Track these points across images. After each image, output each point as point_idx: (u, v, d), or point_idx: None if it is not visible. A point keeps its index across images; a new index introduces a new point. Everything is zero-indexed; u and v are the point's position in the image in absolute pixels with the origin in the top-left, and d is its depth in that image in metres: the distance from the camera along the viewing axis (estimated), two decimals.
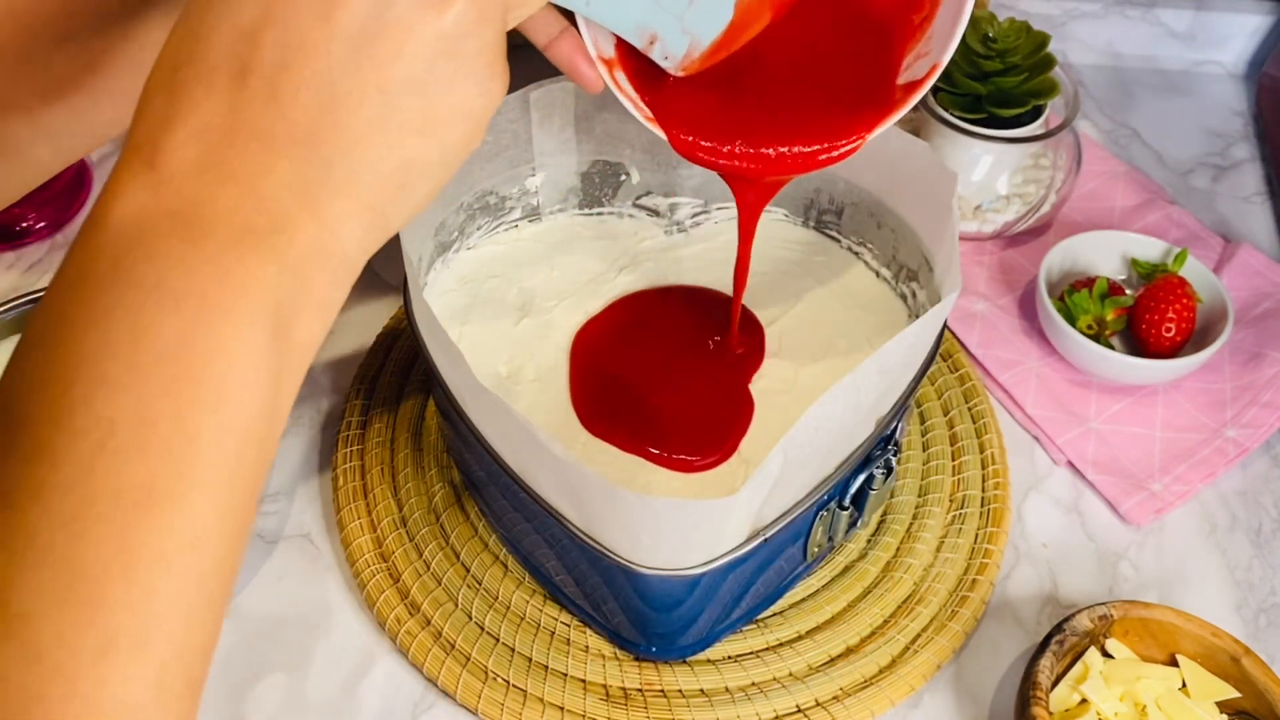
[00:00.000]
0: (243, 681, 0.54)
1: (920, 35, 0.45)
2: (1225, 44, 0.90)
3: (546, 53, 0.43)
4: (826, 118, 0.45)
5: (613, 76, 0.43)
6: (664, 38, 0.43)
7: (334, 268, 0.30)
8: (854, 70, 0.45)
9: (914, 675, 0.54)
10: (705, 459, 0.54)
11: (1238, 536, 0.62)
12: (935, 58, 0.43)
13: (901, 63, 0.45)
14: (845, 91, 0.45)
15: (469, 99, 0.32)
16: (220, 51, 0.29)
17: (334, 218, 0.30)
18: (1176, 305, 0.64)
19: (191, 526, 0.27)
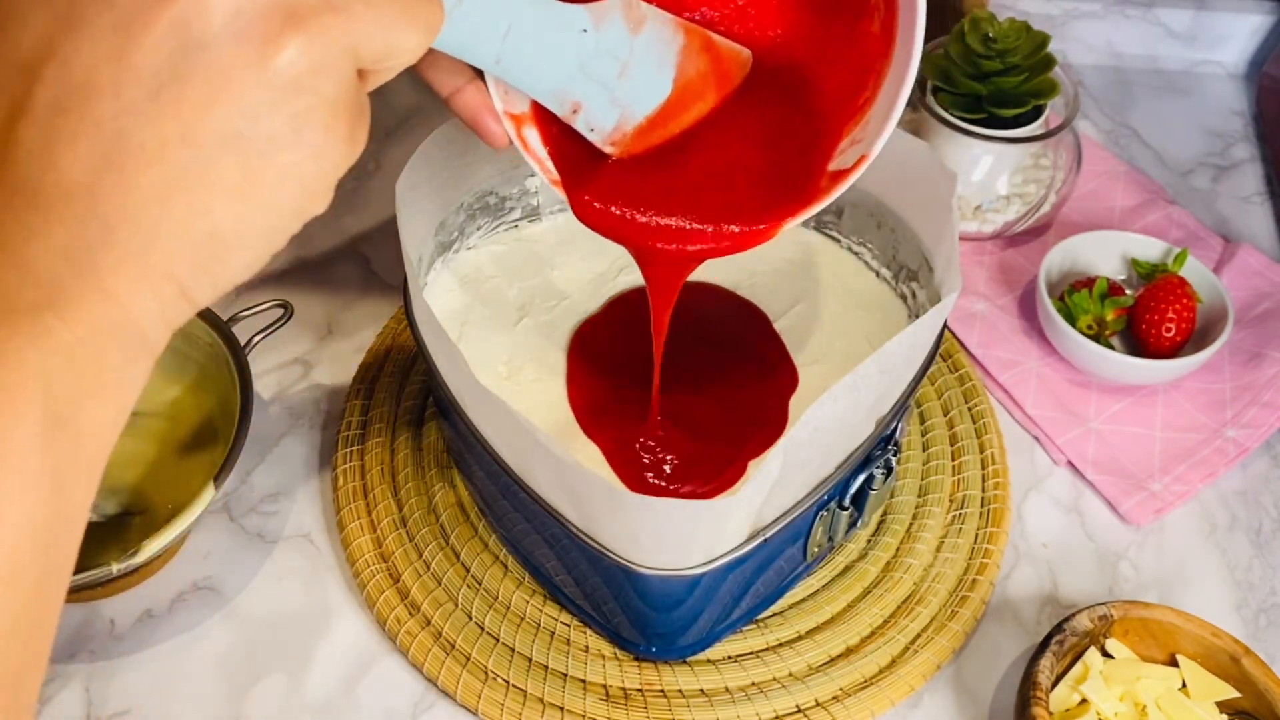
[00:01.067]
0: (243, 681, 0.54)
1: (859, 119, 0.42)
2: (1225, 44, 0.90)
3: (449, 104, 0.39)
4: (745, 203, 0.43)
5: (520, 135, 0.41)
6: (589, 108, 0.39)
7: (125, 346, 0.26)
8: (787, 156, 0.43)
9: (914, 675, 0.54)
10: (707, 485, 0.53)
11: (1238, 536, 0.62)
12: (866, 148, 0.41)
13: (836, 147, 0.42)
14: (772, 178, 0.43)
15: (301, 161, 0.27)
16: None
17: (121, 290, 0.25)
18: (1176, 305, 0.64)
19: None
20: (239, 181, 0.26)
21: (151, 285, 0.26)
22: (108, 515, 0.56)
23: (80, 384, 0.25)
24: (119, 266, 0.25)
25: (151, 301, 0.26)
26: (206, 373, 0.60)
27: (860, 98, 0.42)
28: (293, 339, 0.68)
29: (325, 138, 0.27)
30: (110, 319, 0.25)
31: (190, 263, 0.26)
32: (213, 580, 0.58)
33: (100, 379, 0.26)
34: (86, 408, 0.26)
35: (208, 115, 0.25)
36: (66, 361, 0.25)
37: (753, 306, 0.61)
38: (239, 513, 0.61)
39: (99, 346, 0.25)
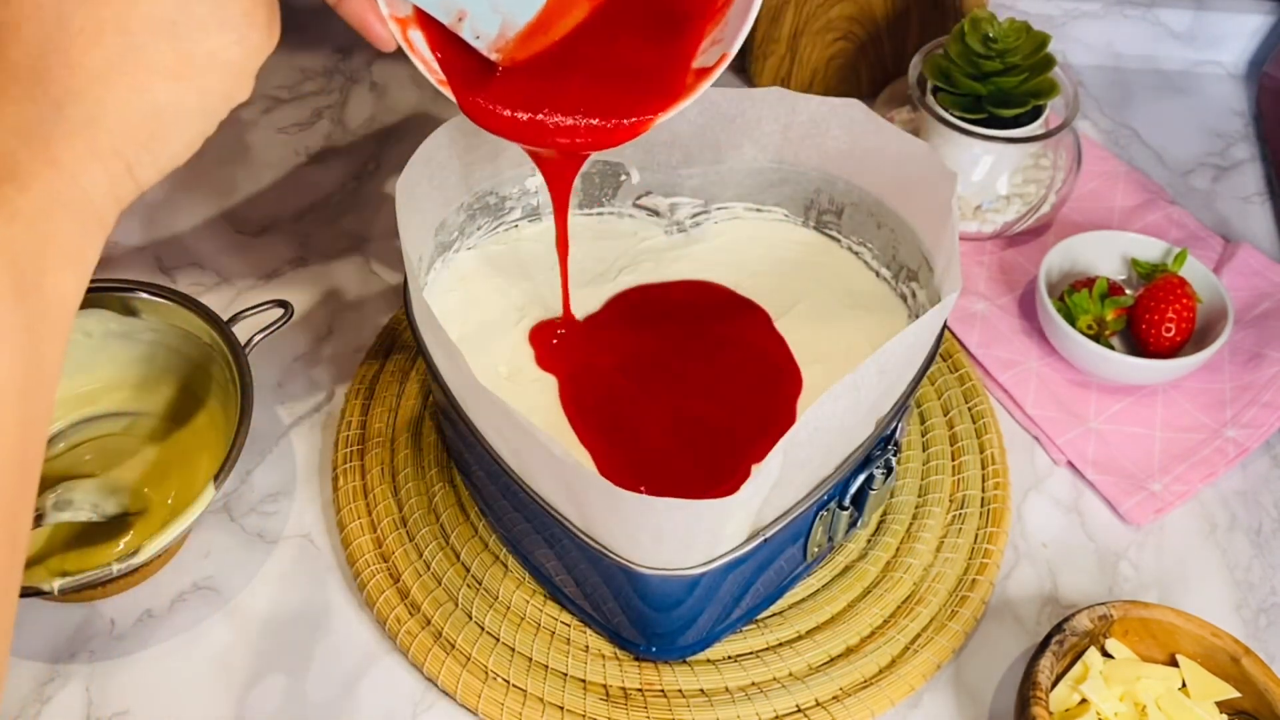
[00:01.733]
0: (243, 681, 0.54)
1: (718, 20, 0.45)
2: (1225, 44, 0.90)
3: (337, 9, 0.40)
4: (619, 99, 0.46)
5: (406, 36, 0.43)
6: (473, 15, 0.42)
7: (80, 218, 0.28)
8: (656, 56, 0.46)
9: (914, 675, 0.54)
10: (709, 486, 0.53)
11: (1238, 536, 0.62)
12: (726, 47, 0.44)
13: (699, 46, 0.46)
14: (643, 77, 0.46)
15: (226, 46, 0.30)
16: None
17: (71, 163, 0.28)
18: (1176, 305, 0.65)
19: None
20: (172, 63, 0.29)
21: (100, 160, 0.28)
22: (108, 515, 0.56)
23: (42, 252, 0.27)
24: (68, 142, 0.27)
25: (101, 176, 0.28)
26: (206, 373, 0.60)
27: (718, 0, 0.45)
28: (293, 339, 0.68)
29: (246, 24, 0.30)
30: (64, 192, 0.27)
31: (134, 140, 0.29)
32: (213, 580, 0.58)
33: (59, 249, 0.27)
34: (49, 275, 0.27)
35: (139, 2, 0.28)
36: (28, 230, 0.27)
37: (754, 305, 0.61)
38: (239, 513, 0.61)
39: (56, 218, 0.27)
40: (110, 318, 0.60)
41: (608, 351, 0.58)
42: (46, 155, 0.27)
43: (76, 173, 0.28)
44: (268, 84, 0.85)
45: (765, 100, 0.57)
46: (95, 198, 0.28)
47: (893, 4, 0.79)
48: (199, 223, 0.75)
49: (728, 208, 0.63)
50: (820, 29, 0.80)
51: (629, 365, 0.58)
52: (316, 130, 0.82)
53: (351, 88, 0.85)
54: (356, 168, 0.79)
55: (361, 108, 0.83)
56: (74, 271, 0.28)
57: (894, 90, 0.78)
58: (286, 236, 0.74)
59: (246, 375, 0.57)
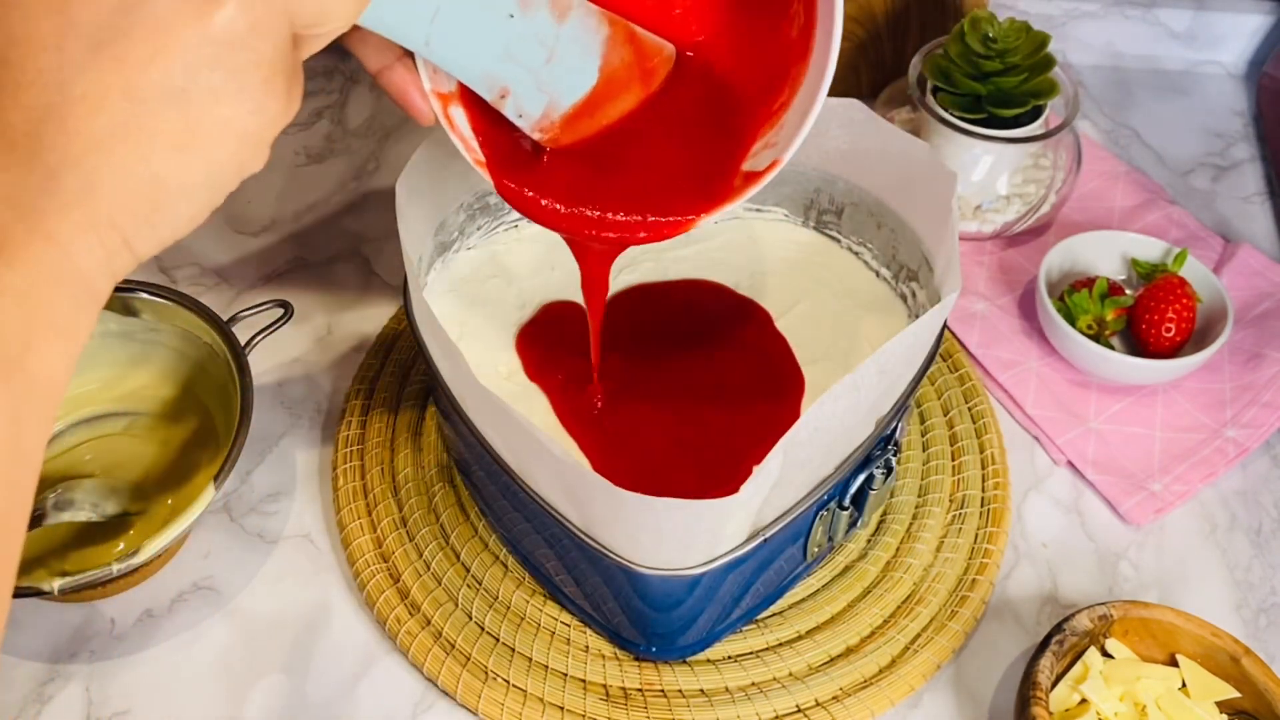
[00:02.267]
0: (243, 681, 0.54)
1: (774, 122, 0.43)
2: (1225, 44, 0.90)
3: (378, 80, 0.39)
4: (663, 197, 0.44)
5: (446, 113, 0.41)
6: (517, 93, 0.40)
7: (71, 293, 0.27)
8: (705, 154, 0.44)
9: (914, 675, 0.54)
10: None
11: (1238, 536, 0.62)
12: (778, 153, 0.42)
13: (750, 148, 0.44)
14: (690, 174, 0.44)
15: (241, 116, 0.28)
16: None
17: (65, 236, 0.26)
18: (1176, 305, 0.65)
19: None
20: (179, 133, 0.27)
21: (96, 233, 0.27)
22: (108, 515, 0.56)
23: (30, 329, 0.26)
24: (63, 214, 0.26)
25: (97, 250, 0.27)
26: (206, 373, 0.60)
27: (776, 101, 0.43)
28: (293, 339, 0.68)
29: (264, 92, 0.28)
30: (57, 267, 0.26)
31: (133, 212, 0.27)
32: (213, 580, 0.58)
33: (49, 325, 0.26)
34: (37, 352, 0.26)
35: (149, 68, 0.26)
36: (16, 306, 0.26)
37: (754, 305, 0.60)
38: (239, 513, 0.61)
39: (47, 293, 0.26)
40: (110, 318, 0.60)
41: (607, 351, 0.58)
42: (40, 228, 0.26)
43: (70, 246, 0.27)
44: None
45: None
46: (89, 271, 0.27)
47: (893, 4, 0.79)
48: None
49: None
50: None
51: (628, 365, 0.58)
52: (316, 130, 0.82)
53: (351, 88, 0.85)
54: (356, 168, 0.79)
55: (361, 108, 0.83)
56: (63, 347, 0.27)
57: (894, 90, 0.78)
58: (286, 236, 0.74)
59: (246, 375, 0.57)
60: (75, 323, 0.28)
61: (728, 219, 0.63)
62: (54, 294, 0.27)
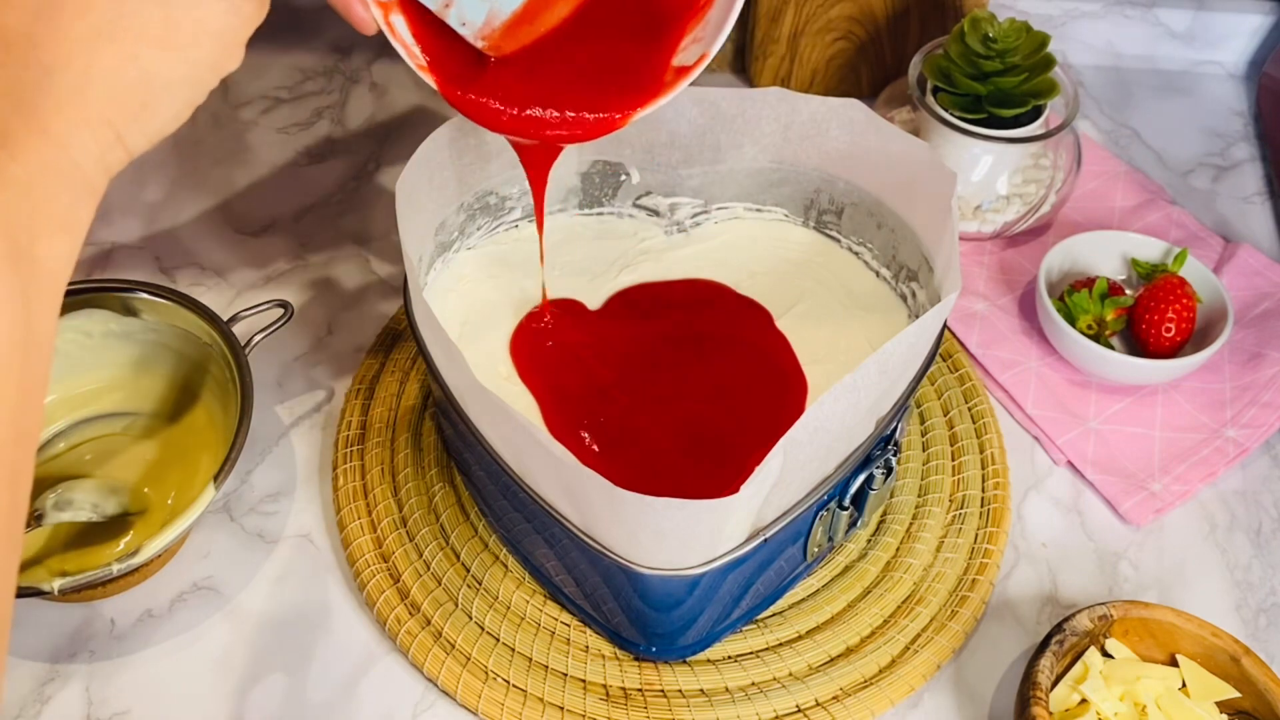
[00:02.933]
0: (243, 681, 0.54)
1: (700, 18, 0.46)
2: (1225, 44, 0.90)
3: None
4: (600, 94, 0.46)
5: (387, 20, 0.43)
6: (460, 2, 0.43)
7: (70, 186, 0.28)
8: (637, 52, 0.47)
9: (914, 675, 0.54)
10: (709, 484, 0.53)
11: (1237, 536, 0.62)
12: (706, 46, 0.45)
13: (679, 44, 0.46)
14: (624, 72, 0.46)
15: (216, 15, 0.30)
16: None
17: (62, 131, 0.28)
18: (1176, 305, 0.65)
19: None
20: (161, 32, 0.29)
21: (90, 129, 0.28)
22: (108, 515, 0.56)
23: (34, 219, 0.27)
24: (59, 110, 0.28)
25: (91, 144, 0.28)
26: (206, 373, 0.60)
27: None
28: (293, 339, 0.68)
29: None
30: (56, 160, 0.28)
31: (123, 108, 0.29)
32: (213, 580, 0.58)
33: (51, 216, 0.28)
34: (41, 241, 0.28)
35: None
36: (21, 197, 0.27)
37: (755, 304, 0.60)
38: (239, 513, 0.61)
39: (48, 185, 0.28)
40: (110, 318, 0.60)
41: (607, 349, 0.58)
42: (37, 123, 0.28)
43: (66, 141, 0.28)
44: (267, 84, 0.85)
45: (765, 100, 0.57)
46: (85, 165, 0.29)
47: (893, 4, 0.79)
48: (199, 223, 0.75)
49: (728, 208, 0.63)
50: (820, 29, 0.80)
51: (628, 364, 0.58)
52: (316, 130, 0.82)
53: (351, 88, 0.85)
54: (356, 168, 0.79)
55: (361, 108, 0.83)
56: (66, 238, 0.29)
57: (894, 90, 0.78)
58: (286, 236, 0.74)
59: (246, 375, 0.57)
60: (75, 215, 0.29)
61: (728, 219, 0.63)
62: (55, 187, 0.28)
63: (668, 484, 0.52)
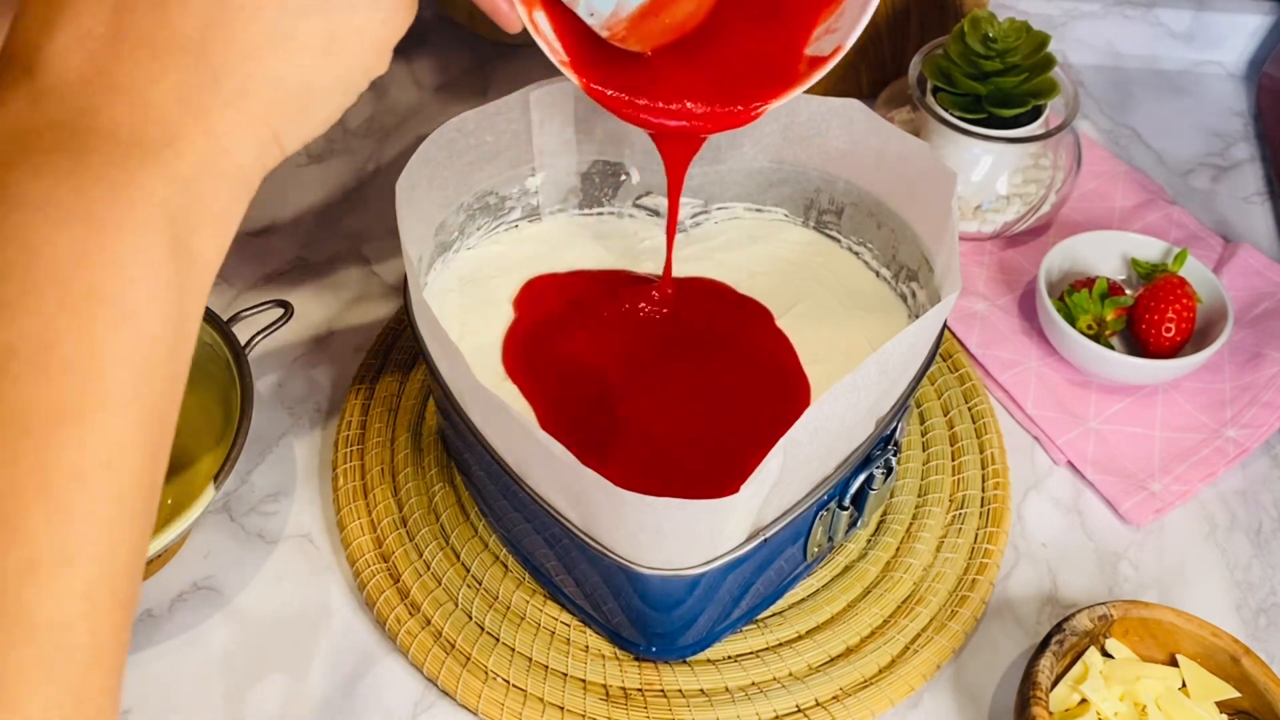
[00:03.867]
0: (243, 681, 0.54)
1: (835, 8, 0.46)
2: (1225, 44, 0.90)
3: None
4: (732, 86, 0.46)
5: (531, 18, 0.43)
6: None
7: (229, 183, 0.30)
8: (769, 43, 0.47)
9: (914, 675, 0.54)
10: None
11: (1237, 536, 0.62)
12: (841, 38, 0.45)
13: (812, 34, 0.46)
14: (756, 63, 0.46)
15: (373, 24, 0.31)
16: None
17: (226, 132, 0.29)
18: (1176, 305, 0.65)
19: (104, 444, 0.27)
20: (323, 40, 0.30)
21: (252, 130, 0.30)
22: None
23: (194, 212, 0.29)
24: (224, 113, 0.29)
25: (251, 145, 0.30)
26: (206, 373, 0.60)
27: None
28: (293, 339, 0.68)
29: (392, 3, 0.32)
30: (217, 159, 0.29)
31: (282, 111, 0.31)
32: (213, 580, 0.58)
33: (209, 212, 0.29)
34: (199, 236, 0.29)
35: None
36: (184, 192, 0.28)
37: (756, 304, 0.60)
38: (239, 513, 0.61)
39: (209, 183, 0.29)
40: None
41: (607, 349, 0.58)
42: (204, 124, 0.29)
43: (229, 141, 0.30)
44: None
45: None
46: (244, 165, 0.30)
47: (893, 4, 0.79)
48: None
49: (728, 208, 0.63)
50: None
51: (628, 363, 0.58)
52: None
53: None
54: (356, 168, 0.79)
55: (361, 108, 0.83)
56: (219, 234, 0.30)
57: (894, 90, 0.78)
58: (286, 236, 0.74)
59: (246, 375, 0.57)
60: (230, 211, 0.30)
61: (728, 219, 0.63)
62: (215, 185, 0.29)
63: (668, 484, 0.52)
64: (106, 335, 0.27)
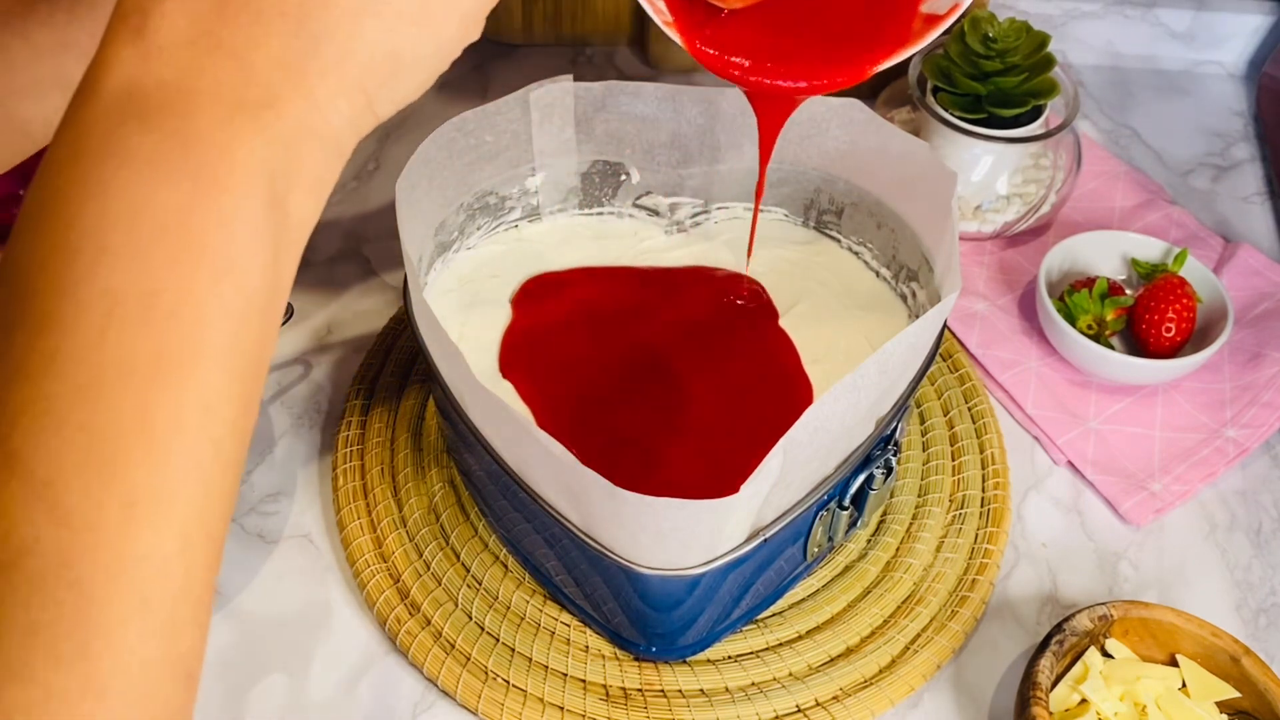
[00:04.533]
0: (243, 681, 0.54)
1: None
2: (1225, 44, 0.90)
3: None
4: (843, 43, 0.45)
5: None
6: None
7: (324, 147, 0.31)
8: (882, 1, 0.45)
9: (914, 675, 0.54)
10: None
11: (1237, 536, 0.62)
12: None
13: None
14: (868, 19, 0.45)
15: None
16: None
17: (323, 96, 0.30)
18: (1176, 305, 0.65)
19: (202, 392, 0.28)
20: (418, 11, 0.31)
21: (347, 96, 0.31)
22: None
23: (291, 173, 0.30)
24: (322, 77, 0.30)
25: (346, 109, 0.31)
26: None
27: None
28: (293, 339, 0.68)
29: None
30: (314, 122, 0.30)
31: (377, 78, 0.31)
32: None
33: (305, 171, 0.30)
34: (295, 195, 0.30)
35: None
36: (283, 153, 0.29)
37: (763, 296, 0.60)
38: (239, 513, 0.61)
39: (306, 144, 0.30)
40: None
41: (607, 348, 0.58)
42: (303, 87, 0.30)
43: (325, 105, 0.30)
44: None
45: None
46: (339, 128, 0.31)
47: None
48: None
49: (728, 208, 0.63)
50: None
51: (627, 363, 0.58)
52: None
53: None
54: (356, 168, 0.79)
55: None
56: (314, 194, 0.31)
57: (894, 90, 0.78)
58: None
59: None
60: (324, 174, 0.31)
61: (728, 219, 0.63)
62: (312, 145, 0.30)
63: (668, 484, 0.52)
64: (208, 287, 0.28)
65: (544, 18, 0.87)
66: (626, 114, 0.58)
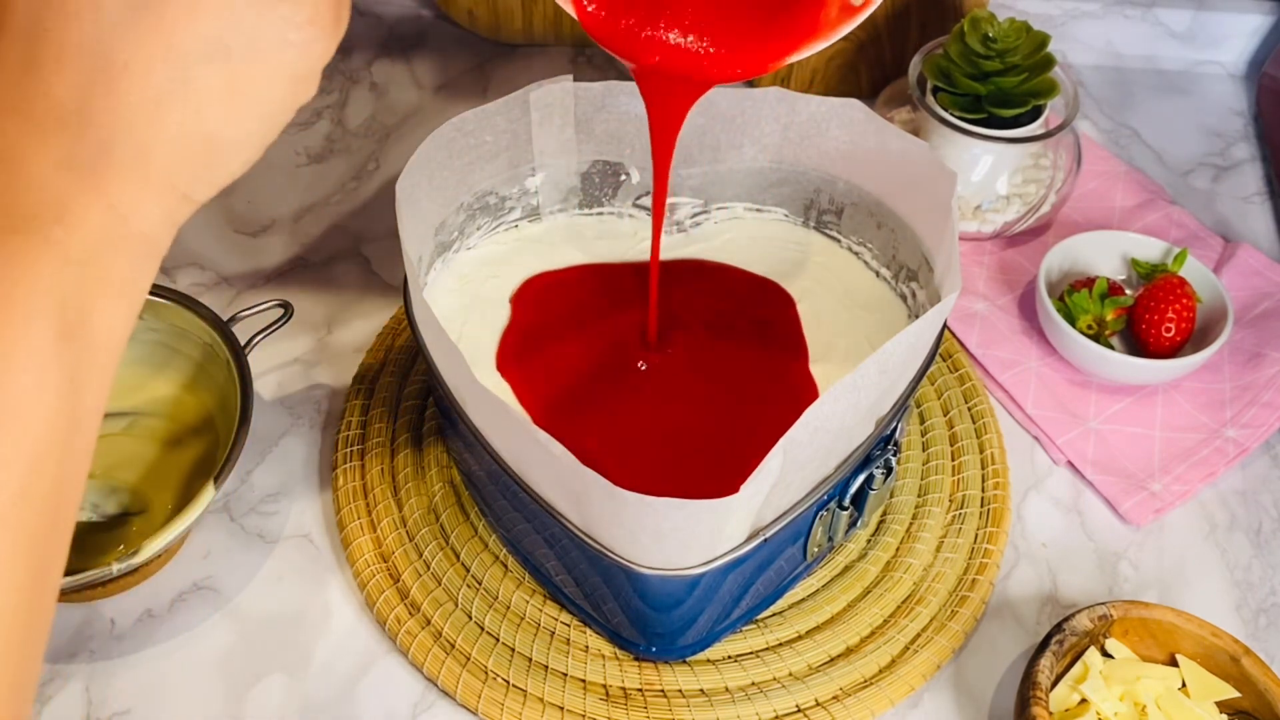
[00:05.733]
0: (243, 681, 0.54)
1: None
2: (1225, 44, 0.90)
3: None
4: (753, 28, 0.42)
5: None
6: None
7: (131, 253, 0.27)
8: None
9: (914, 675, 0.54)
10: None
11: (1237, 536, 0.62)
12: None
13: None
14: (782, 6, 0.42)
15: (286, 64, 0.27)
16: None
17: (125, 201, 0.27)
18: (1176, 305, 0.65)
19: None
20: (226, 88, 0.27)
21: (154, 194, 0.27)
22: (108, 515, 0.56)
23: (91, 292, 0.26)
24: (120, 179, 0.26)
25: (155, 210, 0.27)
26: (206, 373, 0.60)
27: None
28: (293, 339, 0.68)
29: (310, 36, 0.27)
30: (116, 230, 0.26)
31: (188, 169, 0.27)
32: (213, 580, 0.58)
33: (110, 286, 0.27)
34: (98, 313, 0.27)
35: (188, 28, 0.25)
36: (78, 273, 0.26)
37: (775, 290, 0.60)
38: (239, 513, 0.61)
39: (107, 257, 0.26)
40: None
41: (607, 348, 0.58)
42: (98, 195, 0.26)
43: (128, 209, 0.27)
44: None
45: (765, 100, 0.57)
46: (148, 230, 0.27)
47: (893, 4, 0.79)
48: (199, 223, 0.75)
49: (728, 208, 0.63)
50: None
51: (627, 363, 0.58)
52: (316, 130, 0.82)
53: (351, 88, 0.85)
54: (356, 168, 0.79)
55: (361, 108, 0.83)
56: (125, 305, 0.28)
57: (894, 90, 0.78)
58: (286, 236, 0.74)
59: (246, 375, 0.57)
60: (135, 281, 0.28)
61: (728, 219, 0.63)
62: (115, 257, 0.27)
63: (668, 484, 0.52)
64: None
65: (544, 18, 0.87)
66: (626, 114, 0.58)
